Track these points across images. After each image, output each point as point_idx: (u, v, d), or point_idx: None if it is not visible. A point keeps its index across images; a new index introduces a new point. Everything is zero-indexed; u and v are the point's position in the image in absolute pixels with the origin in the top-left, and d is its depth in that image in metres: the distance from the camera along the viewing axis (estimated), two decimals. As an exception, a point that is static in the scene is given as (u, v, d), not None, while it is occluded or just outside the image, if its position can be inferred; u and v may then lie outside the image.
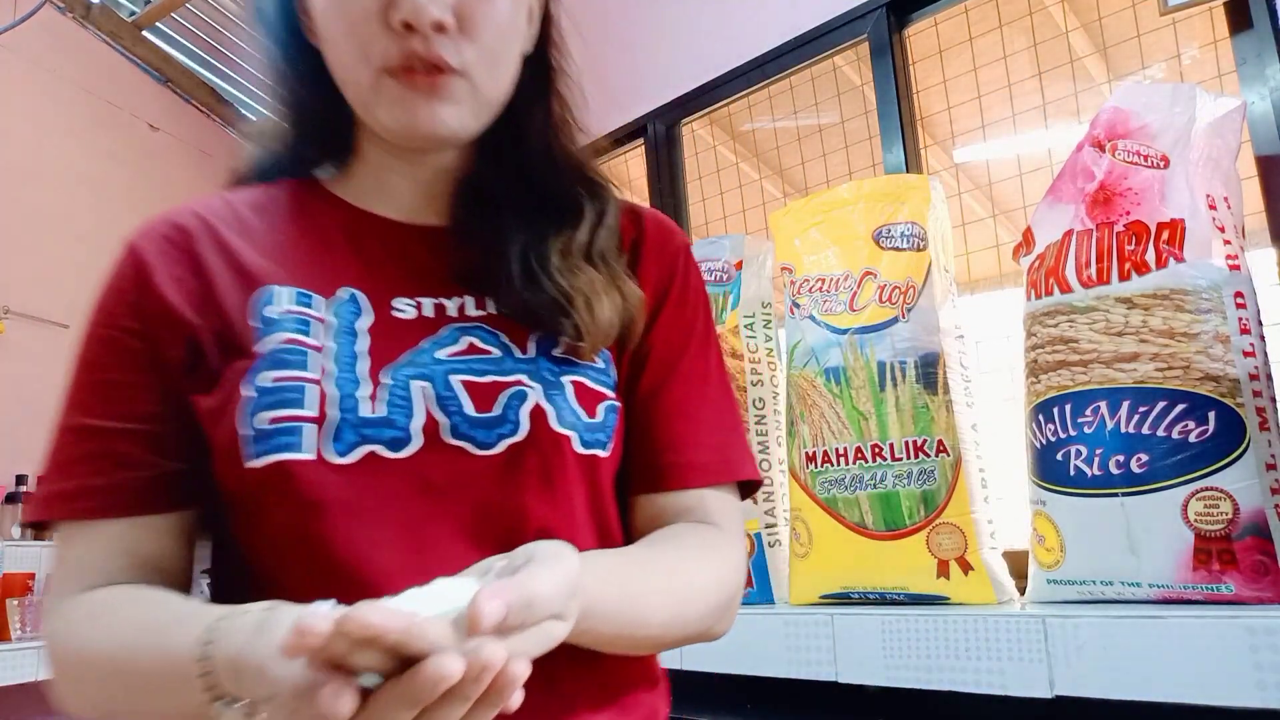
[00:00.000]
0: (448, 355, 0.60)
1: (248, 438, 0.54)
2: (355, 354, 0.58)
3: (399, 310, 0.61)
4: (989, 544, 1.28)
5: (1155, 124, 1.15)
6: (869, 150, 1.91)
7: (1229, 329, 1.06)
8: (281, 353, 0.57)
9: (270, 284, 0.60)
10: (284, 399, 0.55)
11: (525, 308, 0.62)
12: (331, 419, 0.55)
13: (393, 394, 0.57)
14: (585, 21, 2.60)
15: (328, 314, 0.60)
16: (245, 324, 0.58)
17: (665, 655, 0.62)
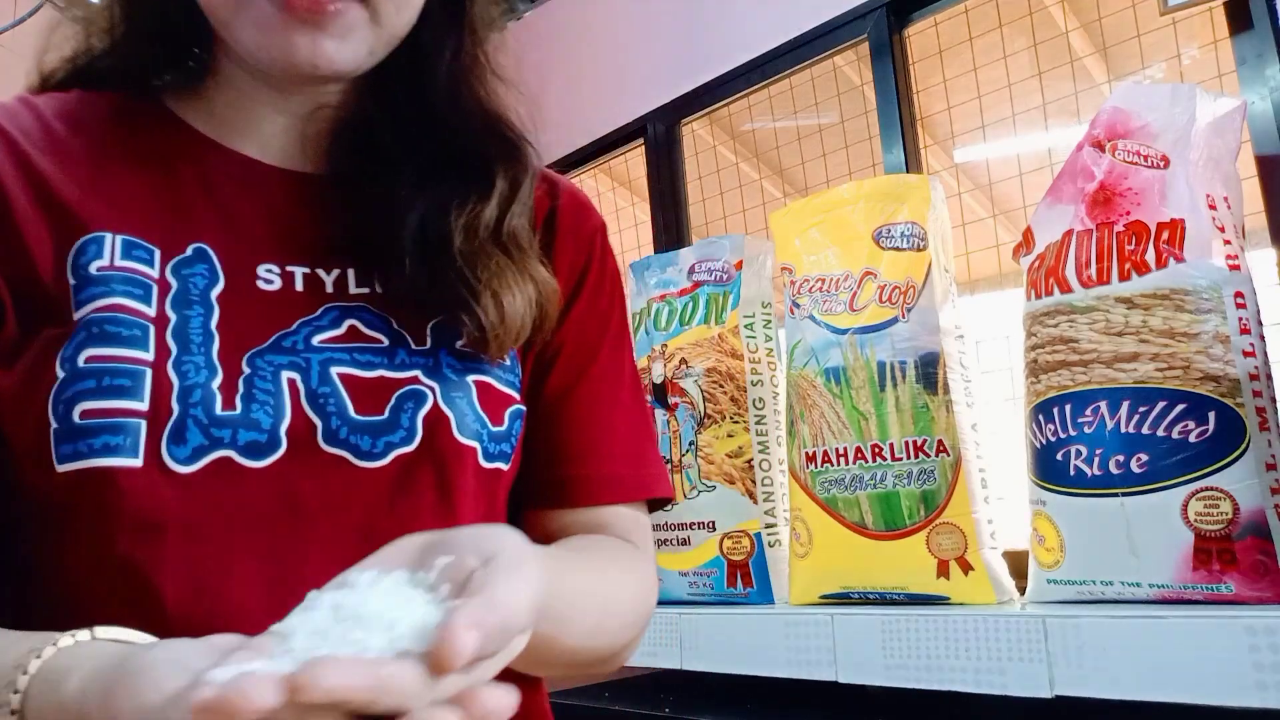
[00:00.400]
0: (325, 341, 0.48)
1: (59, 433, 0.42)
2: (207, 331, 0.46)
3: (264, 280, 0.49)
4: (989, 544, 1.28)
5: (1155, 124, 1.15)
6: (869, 150, 1.91)
7: (1229, 329, 1.06)
8: (107, 322, 0.44)
9: (95, 229, 0.46)
10: (109, 386, 0.42)
11: (420, 292, 0.50)
12: (172, 414, 0.43)
13: (255, 386, 0.45)
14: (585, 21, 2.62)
15: (171, 276, 0.47)
16: (60, 279, 0.45)
17: (665, 655, 0.61)
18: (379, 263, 0.52)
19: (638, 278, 1.77)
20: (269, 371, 0.46)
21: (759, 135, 2.35)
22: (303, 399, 0.46)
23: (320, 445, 0.46)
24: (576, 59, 2.52)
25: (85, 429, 0.42)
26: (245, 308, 0.48)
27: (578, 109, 2.48)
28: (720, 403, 1.56)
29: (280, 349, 0.47)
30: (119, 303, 0.44)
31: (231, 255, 0.49)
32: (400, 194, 0.52)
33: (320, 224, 0.52)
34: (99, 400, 0.42)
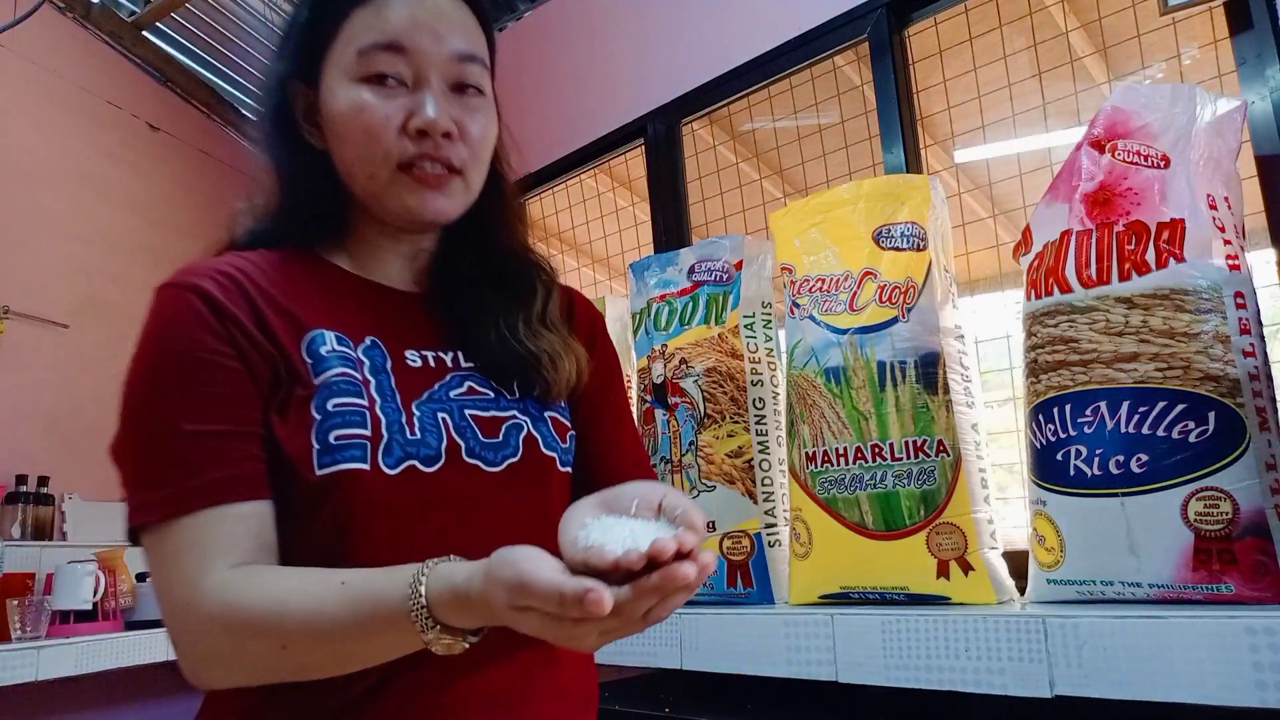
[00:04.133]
0: (457, 395, 0.75)
1: (319, 451, 0.66)
2: (391, 389, 0.71)
3: (410, 359, 0.75)
4: (989, 544, 1.28)
5: (1155, 124, 1.15)
6: (869, 150, 1.91)
7: (1229, 329, 1.06)
8: (341, 382, 0.69)
9: (315, 328, 0.71)
10: (349, 419, 0.67)
11: (502, 364, 0.78)
12: (383, 438, 0.68)
13: (423, 421, 0.71)
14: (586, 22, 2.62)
15: (363, 355, 0.73)
16: (300, 358, 0.69)
17: (665, 655, 0.67)
18: (472, 346, 0.78)
19: (638, 278, 1.77)
20: (430, 413, 0.72)
21: (759, 135, 2.34)
22: (452, 430, 0.72)
23: (464, 458, 0.72)
24: (576, 59, 2.52)
25: (337, 446, 0.66)
26: (406, 376, 0.73)
27: (578, 109, 2.48)
28: (720, 403, 1.56)
29: (433, 400, 0.73)
30: (344, 371, 0.70)
31: (390, 344, 0.75)
32: (479, 302, 0.80)
33: (430, 324, 0.79)
34: (344, 429, 0.67)
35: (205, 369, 0.66)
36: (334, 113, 0.73)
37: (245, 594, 0.60)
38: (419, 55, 0.72)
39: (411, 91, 0.72)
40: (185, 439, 0.64)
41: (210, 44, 2.99)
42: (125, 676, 2.33)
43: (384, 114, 0.71)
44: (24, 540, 2.28)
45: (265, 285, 0.71)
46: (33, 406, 2.46)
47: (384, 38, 0.71)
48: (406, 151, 0.72)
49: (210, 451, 0.64)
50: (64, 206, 2.63)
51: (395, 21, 0.72)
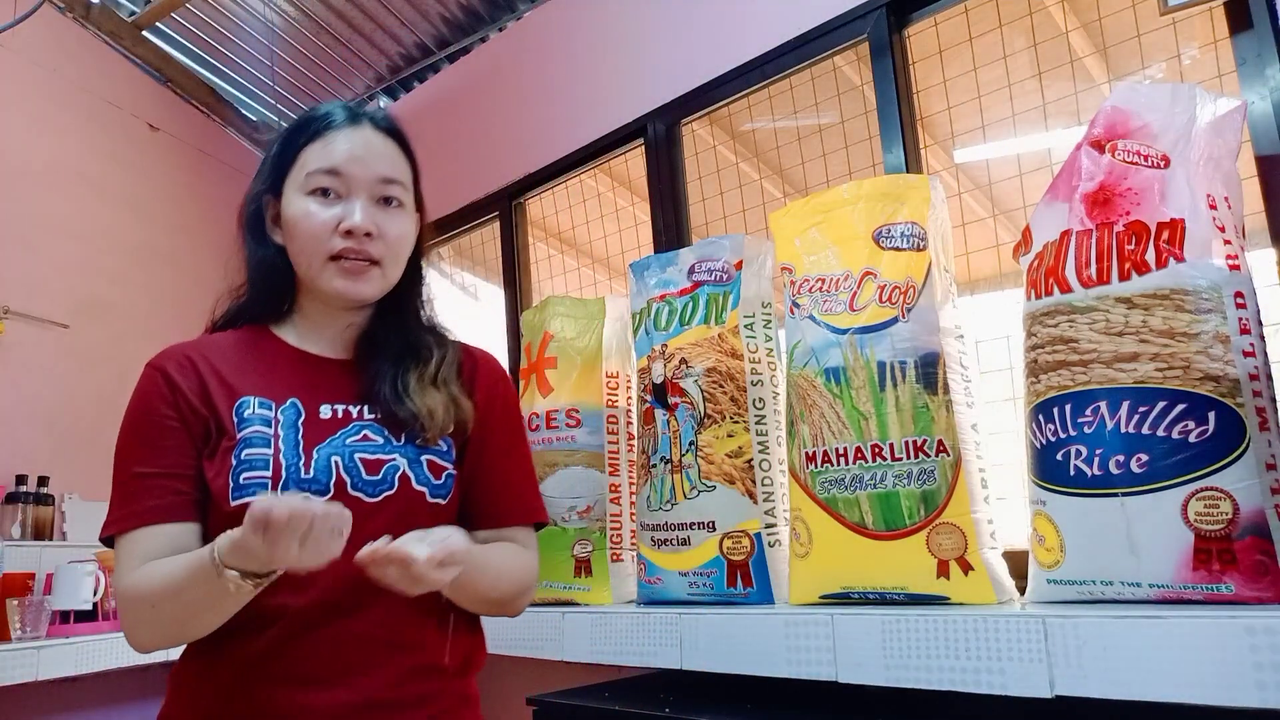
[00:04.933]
0: (351, 440, 0.96)
1: (232, 488, 0.90)
2: (297, 440, 0.94)
3: (323, 412, 0.97)
4: (989, 544, 1.28)
5: (1155, 124, 1.15)
6: (869, 150, 1.91)
7: (1229, 329, 1.06)
8: (254, 437, 0.93)
9: (244, 394, 0.95)
10: (254, 465, 0.91)
11: (394, 415, 0.98)
12: (282, 477, 0.91)
13: (318, 463, 0.93)
14: (586, 22, 2.62)
15: (280, 414, 0.96)
16: (229, 418, 0.94)
17: (665, 655, 0.67)
18: (376, 401, 1.00)
19: (638, 278, 1.77)
20: (325, 456, 0.94)
21: (759, 135, 2.35)
22: (341, 469, 0.94)
23: (348, 491, 0.93)
24: (576, 59, 2.52)
25: (244, 485, 0.90)
26: (315, 427, 0.96)
27: (578, 109, 2.48)
28: (720, 403, 1.56)
29: (330, 444, 0.95)
30: (258, 428, 0.94)
31: (307, 402, 0.98)
32: (382, 366, 1.02)
33: (348, 384, 1.01)
34: (249, 472, 0.91)
35: (155, 428, 0.93)
36: (288, 216, 0.98)
37: (137, 576, 0.87)
38: (350, 178, 0.97)
39: (344, 203, 0.97)
40: (134, 478, 0.91)
41: (210, 44, 2.99)
42: (125, 676, 2.34)
43: (321, 219, 0.96)
44: (24, 540, 2.29)
45: (216, 363, 0.97)
46: (33, 406, 2.46)
47: (326, 164, 0.97)
48: (336, 246, 0.96)
49: (148, 488, 0.90)
50: (64, 206, 2.63)
51: (335, 153, 0.97)
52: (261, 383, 0.97)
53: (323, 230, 0.96)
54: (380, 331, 1.04)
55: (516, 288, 2.64)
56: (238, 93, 3.20)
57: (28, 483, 2.33)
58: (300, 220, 0.96)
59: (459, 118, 2.84)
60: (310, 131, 0.99)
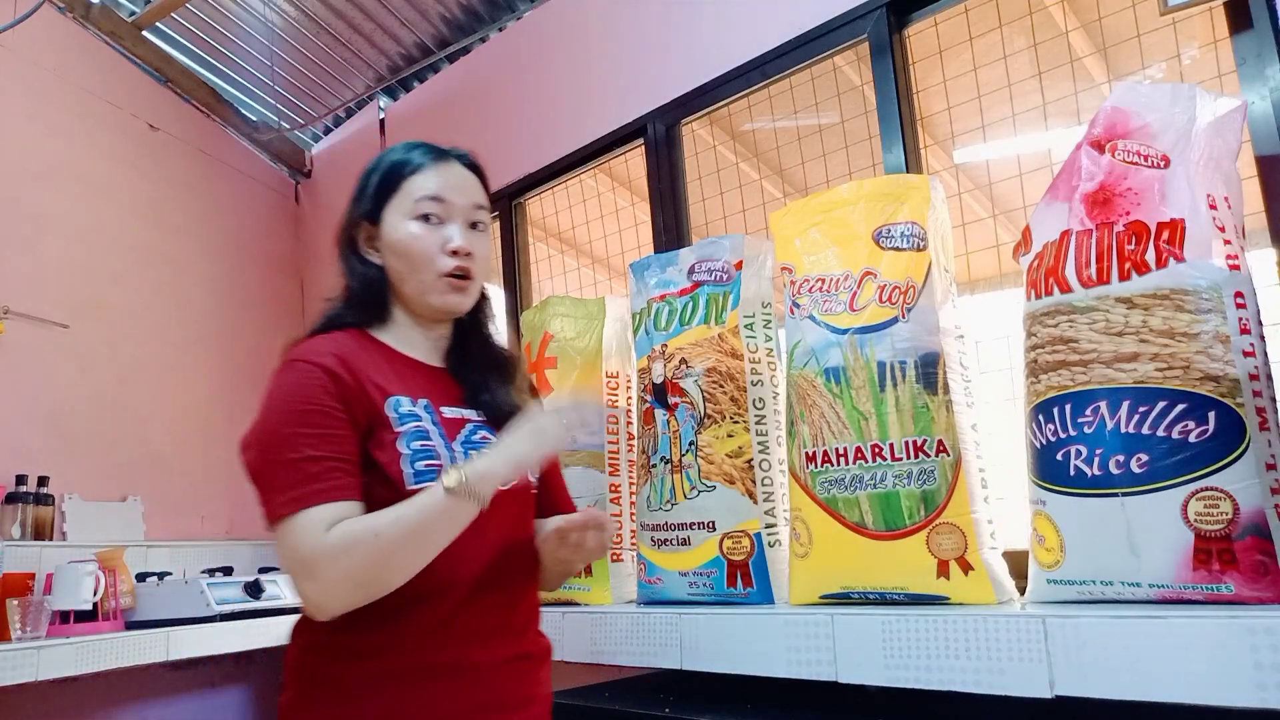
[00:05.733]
0: (477, 438, 1.10)
1: (408, 474, 1.01)
2: (442, 434, 1.07)
3: (446, 413, 1.10)
4: (989, 544, 1.28)
5: (1155, 124, 1.15)
6: (869, 150, 1.91)
7: (1229, 329, 1.06)
8: (415, 430, 1.05)
9: (394, 392, 1.06)
10: (426, 454, 1.03)
11: (499, 418, 1.12)
12: (444, 466, 1.01)
13: (463, 455, 1.07)
14: (586, 22, 2.61)
15: (421, 410, 1.07)
16: (386, 412, 1.04)
17: (665, 655, 0.66)
18: (482, 406, 1.14)
19: (637, 278, 1.77)
20: (464, 450, 1.08)
21: (759, 135, 2.35)
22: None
23: None
24: (576, 59, 2.52)
25: (422, 471, 1.02)
26: (447, 425, 1.09)
27: (578, 109, 2.48)
28: (720, 403, 1.56)
29: (465, 440, 1.09)
30: (416, 424, 1.05)
31: (435, 402, 1.10)
32: (481, 377, 1.17)
33: (455, 390, 1.15)
34: (424, 460, 1.03)
35: (324, 417, 1.00)
36: (395, 238, 1.11)
37: (340, 530, 0.94)
38: (451, 205, 1.12)
39: (445, 227, 1.11)
40: (308, 460, 0.98)
41: (210, 44, 2.99)
42: (125, 676, 2.34)
43: (431, 240, 1.10)
44: (24, 540, 2.28)
45: (357, 364, 1.05)
46: (33, 406, 2.46)
47: (431, 192, 1.11)
48: (447, 265, 1.10)
49: (326, 470, 0.98)
50: (64, 206, 2.63)
51: (438, 184, 1.12)
52: (398, 382, 1.07)
53: (434, 250, 1.09)
54: (468, 343, 1.19)
55: (516, 288, 2.64)
56: (238, 93, 3.20)
57: (28, 483, 2.33)
58: (412, 242, 1.10)
59: (459, 118, 2.84)
60: (412, 165, 1.13)
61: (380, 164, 1.16)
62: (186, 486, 2.82)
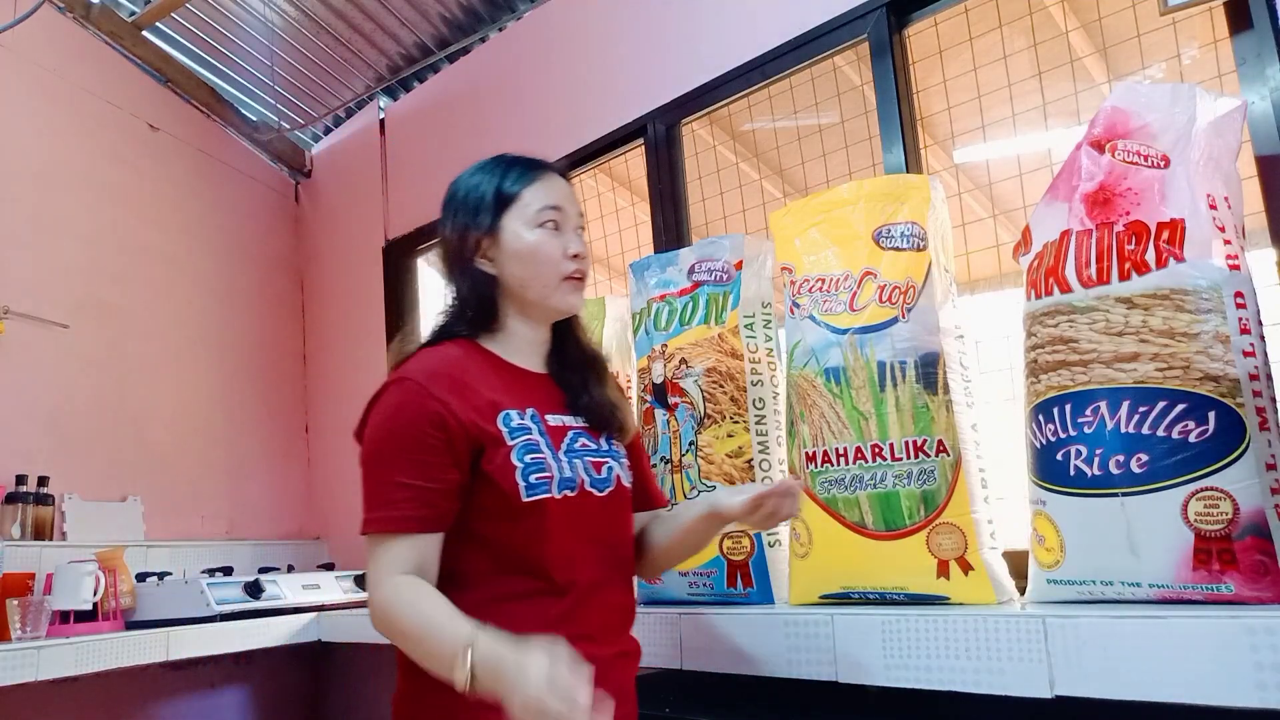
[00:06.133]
0: (579, 445, 1.13)
1: (523, 486, 1.04)
2: (550, 444, 1.10)
3: (550, 421, 1.12)
4: (989, 544, 1.28)
5: (1155, 124, 1.15)
6: (869, 150, 1.91)
7: (1229, 329, 1.06)
8: (526, 443, 1.07)
9: (505, 407, 1.09)
10: (538, 467, 1.06)
11: (598, 423, 1.17)
12: (555, 477, 1.07)
13: (570, 463, 1.10)
14: (586, 22, 2.61)
15: (529, 421, 1.10)
16: (497, 427, 1.07)
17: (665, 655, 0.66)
18: (581, 411, 1.17)
19: (638, 278, 1.77)
20: (569, 458, 1.10)
21: (759, 135, 2.35)
22: (581, 470, 1.11)
23: (587, 488, 1.10)
24: (577, 59, 2.52)
25: (535, 484, 1.05)
26: (553, 434, 1.11)
27: (578, 109, 2.48)
28: (720, 403, 1.56)
29: (568, 449, 1.11)
30: (527, 437, 1.08)
31: (541, 412, 1.12)
32: (578, 381, 1.19)
33: (556, 395, 1.18)
34: (537, 473, 1.06)
35: (418, 445, 1.03)
36: (519, 246, 1.14)
37: (395, 593, 1.00)
38: (566, 213, 1.17)
39: (562, 233, 1.16)
40: (396, 486, 1.02)
41: (210, 44, 2.99)
42: (125, 676, 2.34)
43: (555, 246, 1.14)
44: (24, 540, 2.28)
45: (467, 380, 1.08)
46: (33, 406, 2.46)
47: (553, 202, 1.16)
48: (569, 269, 1.15)
49: (409, 498, 1.02)
50: (64, 206, 2.63)
51: (555, 194, 1.17)
52: (507, 395, 1.11)
53: (559, 255, 1.14)
54: (566, 346, 1.22)
55: (516, 288, 2.64)
56: (238, 93, 3.20)
57: (28, 483, 2.33)
58: (539, 248, 1.14)
59: (459, 117, 2.84)
60: (527, 177, 1.18)
61: (485, 180, 1.18)
62: (186, 486, 2.82)
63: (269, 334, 3.19)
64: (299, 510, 3.18)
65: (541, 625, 1.02)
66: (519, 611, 1.04)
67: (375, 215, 3.10)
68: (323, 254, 3.34)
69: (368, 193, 3.14)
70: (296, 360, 3.29)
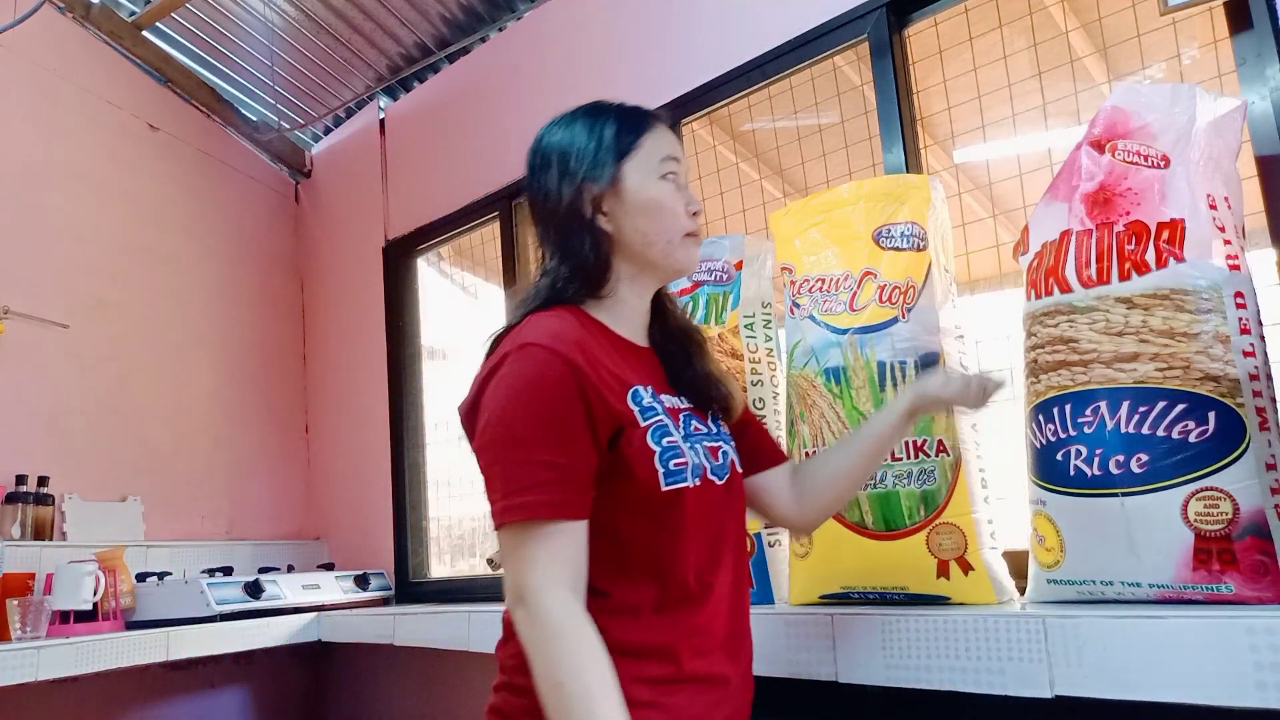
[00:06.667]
0: (695, 429, 1.01)
1: (663, 474, 0.94)
2: (675, 426, 0.98)
3: (667, 401, 1.01)
4: (989, 544, 1.28)
5: (1155, 124, 1.15)
6: (869, 150, 1.91)
7: (1229, 329, 1.06)
8: (658, 425, 0.97)
9: (633, 383, 0.98)
10: (674, 452, 0.95)
11: (703, 403, 1.06)
12: (689, 463, 0.96)
13: (693, 449, 0.98)
14: (585, 22, 2.61)
15: (653, 400, 0.99)
16: (629, 406, 0.95)
17: None
18: (685, 389, 1.05)
19: (638, 278, 1.77)
20: (692, 443, 0.99)
21: (759, 135, 2.34)
22: (702, 455, 0.99)
23: (708, 475, 0.98)
24: (576, 59, 2.52)
25: (674, 471, 0.94)
26: (671, 412, 1.00)
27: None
28: (720, 403, 1.56)
29: (689, 434, 1.00)
30: (658, 418, 0.97)
31: (657, 390, 1.01)
32: (681, 356, 1.08)
33: (662, 371, 1.06)
34: (676, 459, 0.95)
35: (562, 419, 0.90)
36: (643, 198, 1.02)
37: (560, 637, 0.85)
38: (682, 165, 1.07)
39: (681, 187, 1.06)
40: (543, 466, 0.89)
41: (210, 44, 2.99)
42: (125, 676, 2.34)
43: (679, 200, 1.04)
44: (24, 540, 2.29)
45: (597, 353, 0.96)
46: (33, 406, 2.46)
47: (671, 153, 1.05)
48: (690, 225, 1.05)
49: (555, 479, 0.89)
50: (64, 206, 2.63)
51: (671, 145, 1.06)
52: (630, 370, 0.99)
53: (682, 209, 1.04)
54: (664, 316, 1.10)
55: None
56: (238, 93, 3.20)
57: (28, 483, 2.33)
58: (664, 201, 1.03)
59: (459, 117, 2.84)
60: (644, 124, 1.06)
61: (596, 129, 1.05)
62: (186, 486, 2.82)
63: (269, 334, 3.19)
64: (299, 510, 3.18)
65: (674, 637, 0.94)
66: (652, 623, 0.94)
67: (375, 215, 3.10)
68: (323, 254, 3.34)
69: (368, 193, 3.14)
70: (296, 360, 3.29)
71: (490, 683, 1.02)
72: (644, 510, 0.93)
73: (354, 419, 3.09)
